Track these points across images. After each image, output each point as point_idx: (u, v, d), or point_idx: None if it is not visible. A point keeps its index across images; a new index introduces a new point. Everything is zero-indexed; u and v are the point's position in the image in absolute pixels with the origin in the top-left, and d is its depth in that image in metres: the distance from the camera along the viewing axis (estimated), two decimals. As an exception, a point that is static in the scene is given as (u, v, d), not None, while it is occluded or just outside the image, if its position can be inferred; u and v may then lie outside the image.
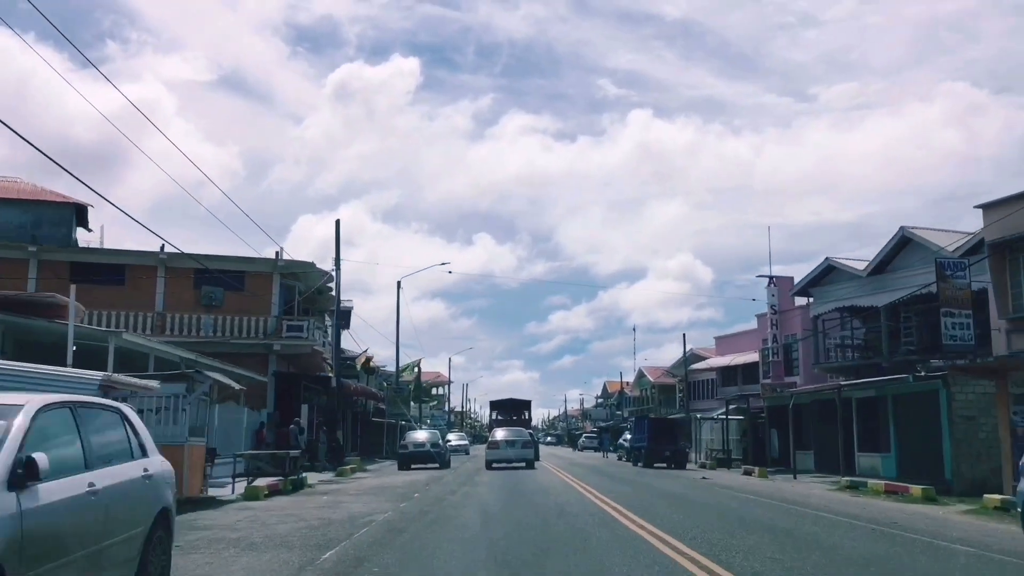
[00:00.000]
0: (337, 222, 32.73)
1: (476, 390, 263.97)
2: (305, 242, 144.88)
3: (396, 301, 45.39)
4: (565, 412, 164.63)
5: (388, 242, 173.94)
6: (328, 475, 27.17)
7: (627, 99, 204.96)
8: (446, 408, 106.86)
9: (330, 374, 33.99)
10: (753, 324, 48.56)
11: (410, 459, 31.62)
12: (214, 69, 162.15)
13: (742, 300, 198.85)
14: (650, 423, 35.97)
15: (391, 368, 55.47)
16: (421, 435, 34.12)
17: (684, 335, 56.61)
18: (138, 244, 67.77)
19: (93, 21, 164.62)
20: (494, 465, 30.27)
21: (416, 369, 60.65)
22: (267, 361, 32.96)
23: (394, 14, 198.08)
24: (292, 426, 29.37)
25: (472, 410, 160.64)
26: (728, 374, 53.80)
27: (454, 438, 56.97)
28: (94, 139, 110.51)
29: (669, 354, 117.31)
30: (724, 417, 37.52)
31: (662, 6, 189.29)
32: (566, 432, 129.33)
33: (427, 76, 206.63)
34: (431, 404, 79.79)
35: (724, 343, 55.19)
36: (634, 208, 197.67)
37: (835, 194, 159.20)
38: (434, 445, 31.97)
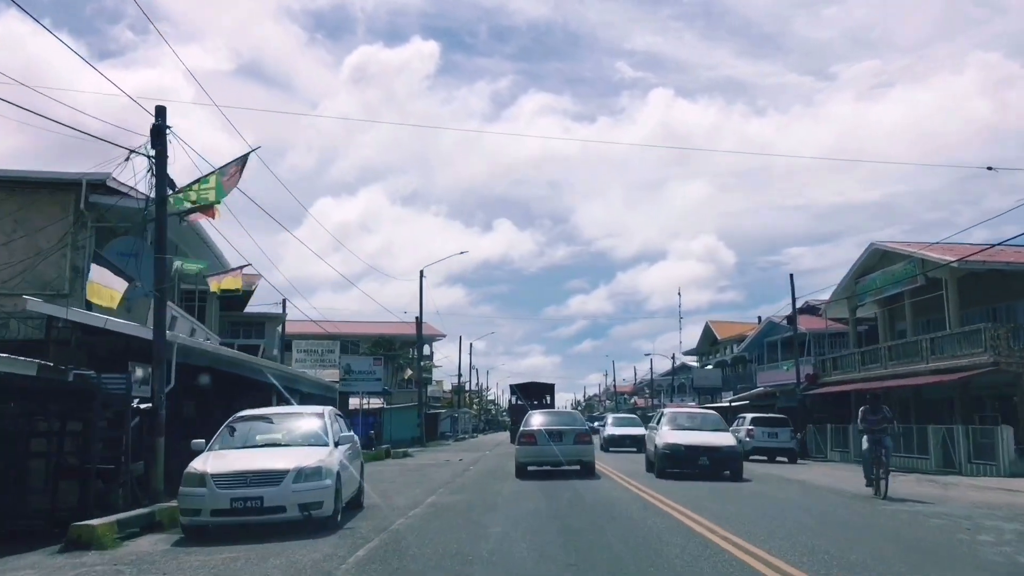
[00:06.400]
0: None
1: (497, 374, 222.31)
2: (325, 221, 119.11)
3: None
4: (613, 388, 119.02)
5: (406, 226, 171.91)
6: None
7: (646, 81, 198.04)
8: (429, 373, 62.13)
9: None
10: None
11: None
12: (234, 58, 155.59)
13: (766, 282, 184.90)
14: None
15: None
16: None
17: None
18: None
19: (109, 9, 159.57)
20: (530, 469, 20.52)
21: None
22: None
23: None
24: None
25: (484, 386, 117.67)
26: None
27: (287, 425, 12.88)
28: None
29: (691, 336, 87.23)
30: None
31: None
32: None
33: (445, 60, 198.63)
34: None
35: None
36: (654, 190, 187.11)
37: (859, 173, 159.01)
38: None
